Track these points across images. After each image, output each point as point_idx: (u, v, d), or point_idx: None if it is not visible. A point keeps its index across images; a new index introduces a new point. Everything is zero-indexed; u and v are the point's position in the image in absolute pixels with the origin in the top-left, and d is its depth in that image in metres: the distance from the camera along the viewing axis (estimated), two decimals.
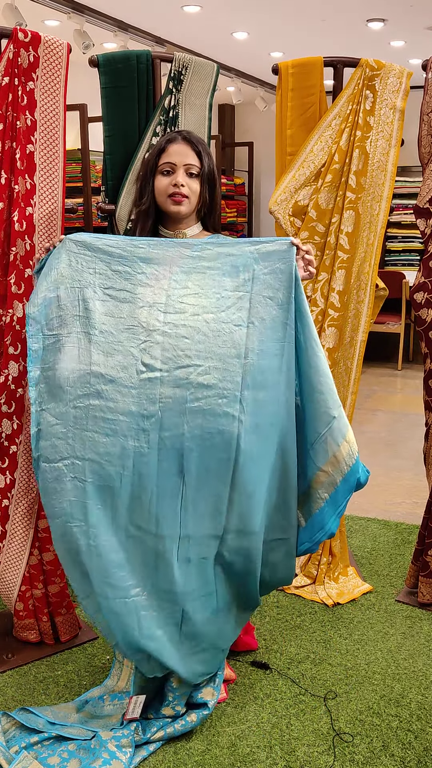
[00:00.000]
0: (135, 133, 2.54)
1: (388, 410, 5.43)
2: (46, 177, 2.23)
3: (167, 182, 2.10)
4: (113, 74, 2.48)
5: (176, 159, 2.10)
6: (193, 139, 2.14)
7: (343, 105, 2.63)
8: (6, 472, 2.35)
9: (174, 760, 2.02)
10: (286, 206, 2.69)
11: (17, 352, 2.27)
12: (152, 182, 2.14)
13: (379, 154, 2.66)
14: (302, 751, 2.05)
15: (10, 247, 2.21)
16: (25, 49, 2.13)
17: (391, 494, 3.89)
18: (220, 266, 1.99)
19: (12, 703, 2.26)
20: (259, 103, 7.23)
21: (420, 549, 2.76)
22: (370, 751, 2.05)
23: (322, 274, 2.71)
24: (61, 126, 2.23)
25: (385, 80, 2.62)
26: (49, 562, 2.47)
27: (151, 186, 2.14)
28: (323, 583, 2.87)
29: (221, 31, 5.49)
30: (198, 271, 1.98)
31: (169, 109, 2.55)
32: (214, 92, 2.66)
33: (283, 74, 2.65)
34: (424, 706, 2.22)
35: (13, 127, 2.16)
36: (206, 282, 1.97)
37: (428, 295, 2.58)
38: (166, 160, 2.11)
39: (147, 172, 2.15)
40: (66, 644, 2.54)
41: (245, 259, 1.99)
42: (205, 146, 2.16)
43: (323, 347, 2.73)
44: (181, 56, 2.53)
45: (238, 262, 1.99)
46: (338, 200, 2.66)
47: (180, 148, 2.11)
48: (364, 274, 2.74)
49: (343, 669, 2.40)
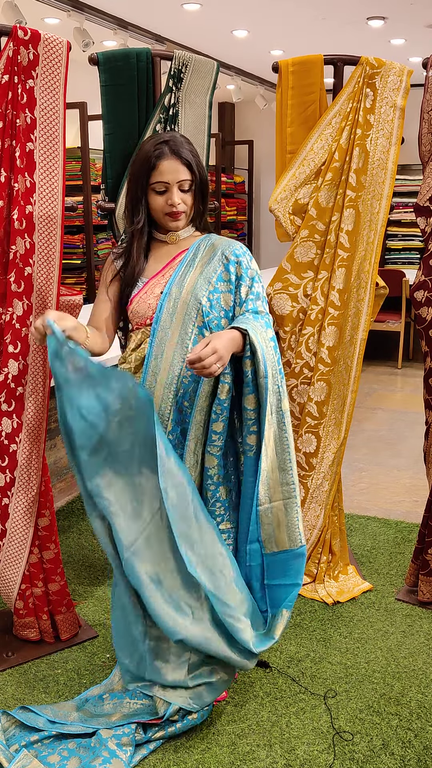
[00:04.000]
0: (135, 131, 2.54)
1: (388, 408, 5.43)
2: (46, 175, 2.23)
3: (162, 201, 2.07)
4: (113, 72, 2.48)
5: (169, 177, 2.04)
6: (182, 151, 2.05)
7: (343, 103, 2.63)
8: (6, 470, 2.35)
9: (174, 758, 2.02)
10: (286, 204, 2.69)
11: (17, 350, 2.27)
12: (144, 200, 2.10)
13: (380, 153, 2.66)
14: (302, 749, 2.05)
15: (10, 246, 2.20)
16: (24, 47, 2.12)
17: (391, 493, 3.88)
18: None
19: (12, 701, 2.26)
20: (259, 101, 7.23)
21: (420, 547, 2.76)
22: (370, 750, 2.05)
23: (322, 272, 2.71)
24: (60, 124, 2.22)
25: (385, 78, 2.62)
26: (49, 560, 2.47)
27: (144, 204, 2.10)
28: (323, 582, 2.87)
29: (221, 29, 5.49)
30: None
31: (169, 107, 2.55)
32: (214, 90, 2.66)
33: (283, 72, 2.65)
34: (424, 705, 2.22)
35: (13, 125, 2.16)
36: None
37: (428, 294, 2.58)
38: (159, 179, 2.05)
39: (138, 190, 2.10)
40: (66, 643, 2.54)
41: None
42: (194, 153, 2.09)
43: (324, 345, 2.74)
44: (181, 54, 2.53)
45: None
46: (338, 198, 2.66)
47: (171, 165, 2.04)
48: (364, 272, 2.73)
49: (343, 667, 2.41)
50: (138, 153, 2.13)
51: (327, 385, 2.77)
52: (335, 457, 2.84)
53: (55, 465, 3.65)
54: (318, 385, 2.77)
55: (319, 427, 2.80)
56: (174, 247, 2.17)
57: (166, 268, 2.14)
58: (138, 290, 2.14)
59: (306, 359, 2.77)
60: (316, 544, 2.90)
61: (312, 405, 2.78)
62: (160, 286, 2.13)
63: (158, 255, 2.18)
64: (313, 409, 2.79)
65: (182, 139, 2.09)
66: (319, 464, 2.82)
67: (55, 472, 3.65)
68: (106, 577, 3.00)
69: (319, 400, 2.78)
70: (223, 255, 2.12)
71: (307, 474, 2.82)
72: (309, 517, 2.86)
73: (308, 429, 2.80)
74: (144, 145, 2.11)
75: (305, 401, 2.79)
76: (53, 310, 2.22)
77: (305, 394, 2.79)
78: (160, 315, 2.09)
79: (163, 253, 2.18)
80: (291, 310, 2.75)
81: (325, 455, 2.83)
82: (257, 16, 5.10)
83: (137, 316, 2.14)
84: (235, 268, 2.11)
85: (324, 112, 2.66)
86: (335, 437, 2.83)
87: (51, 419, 3.56)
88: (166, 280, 2.13)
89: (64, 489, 3.75)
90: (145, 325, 2.13)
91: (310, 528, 2.88)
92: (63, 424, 1.94)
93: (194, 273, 2.10)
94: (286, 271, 2.74)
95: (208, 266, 2.11)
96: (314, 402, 2.78)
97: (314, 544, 2.90)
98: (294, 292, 2.74)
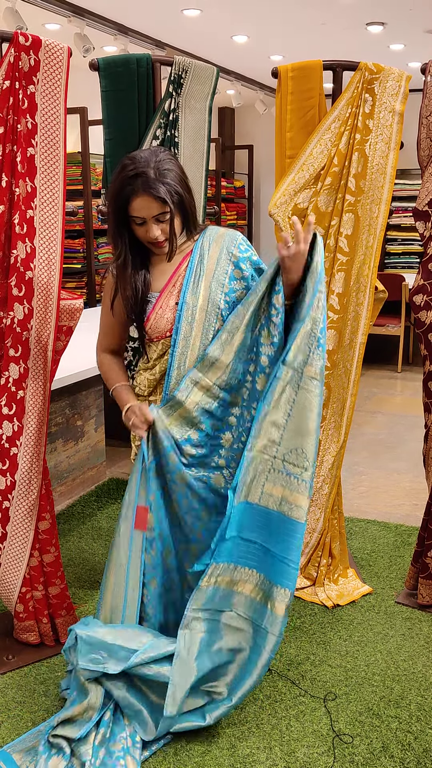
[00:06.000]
0: (135, 136, 2.55)
1: (387, 412, 5.44)
2: (47, 180, 2.24)
3: (143, 232, 2.03)
4: (113, 78, 2.49)
5: (144, 213, 1.98)
6: (152, 185, 1.94)
7: (342, 108, 2.64)
8: (6, 474, 2.35)
9: (174, 761, 2.03)
10: (285, 209, 2.70)
11: (18, 354, 2.28)
12: (127, 232, 2.06)
13: (379, 157, 2.67)
14: (302, 752, 2.05)
15: (11, 250, 2.21)
16: (25, 53, 2.14)
17: (391, 496, 3.89)
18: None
19: (12, 704, 2.26)
20: (258, 106, 7.25)
21: (419, 551, 2.77)
22: (369, 753, 2.05)
23: None
24: (61, 129, 2.24)
25: (384, 83, 2.63)
26: (49, 563, 2.48)
27: (126, 237, 2.06)
28: (323, 585, 2.88)
29: (221, 35, 5.51)
30: None
31: (169, 113, 2.57)
32: (213, 95, 2.67)
33: (282, 77, 2.66)
34: (424, 708, 2.23)
35: (14, 130, 2.17)
36: None
37: (427, 298, 2.59)
38: (134, 214, 2.00)
39: (116, 224, 2.05)
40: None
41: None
42: (167, 182, 1.96)
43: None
44: (181, 60, 2.54)
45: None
46: (338, 203, 2.67)
47: (143, 203, 1.96)
48: (363, 276, 2.74)
49: (342, 670, 2.41)
50: (111, 184, 2.03)
51: (326, 388, 2.78)
52: (335, 461, 2.85)
53: (55, 468, 3.65)
54: None
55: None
56: (176, 255, 2.14)
57: (174, 277, 2.12)
58: (152, 306, 2.11)
59: None
60: (316, 548, 2.90)
61: None
62: (173, 297, 2.11)
63: (161, 266, 2.15)
64: None
65: (158, 163, 1.97)
66: (319, 467, 2.83)
67: (55, 476, 3.65)
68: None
69: None
70: (230, 253, 2.11)
71: None
72: (309, 520, 2.87)
73: None
74: (117, 177, 2.00)
75: None
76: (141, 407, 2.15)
77: None
78: (179, 326, 2.08)
79: (165, 263, 2.14)
80: None
81: (325, 458, 2.83)
82: (257, 21, 5.12)
83: (156, 331, 2.11)
84: (246, 265, 2.12)
85: (323, 117, 2.67)
86: (335, 440, 2.84)
87: (51, 423, 3.57)
88: (177, 289, 2.11)
89: (65, 492, 3.76)
90: (165, 337, 2.12)
91: (310, 531, 2.88)
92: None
93: (205, 279, 2.09)
94: None
95: (217, 268, 2.09)
96: None
97: (314, 548, 2.90)
98: None
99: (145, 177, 1.95)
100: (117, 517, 3.58)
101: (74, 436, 3.78)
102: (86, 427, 3.87)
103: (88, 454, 3.92)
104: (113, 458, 4.32)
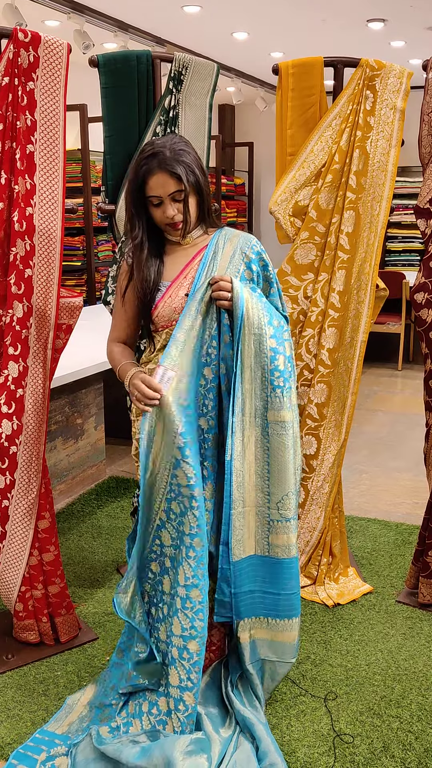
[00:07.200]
0: (135, 133, 2.54)
1: (388, 411, 5.43)
2: (46, 177, 2.23)
3: (160, 213, 2.08)
4: (113, 74, 2.48)
5: (160, 192, 2.04)
6: (169, 162, 2.01)
7: (343, 105, 2.63)
8: (6, 472, 2.35)
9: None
10: (286, 206, 2.69)
11: (17, 352, 2.27)
12: (144, 213, 2.10)
13: (380, 155, 2.66)
14: (302, 752, 2.05)
15: (10, 248, 2.21)
16: (25, 50, 2.13)
17: (392, 495, 3.88)
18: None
19: (12, 704, 2.25)
20: (259, 103, 7.23)
21: (420, 550, 2.76)
22: (370, 752, 2.04)
23: (322, 274, 2.71)
24: (61, 126, 2.22)
25: (385, 80, 2.62)
26: (48, 562, 2.47)
27: (144, 219, 2.11)
28: (323, 584, 2.87)
29: (221, 31, 5.49)
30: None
31: (169, 109, 2.55)
32: (214, 92, 2.66)
33: (283, 74, 2.65)
34: (425, 707, 2.22)
35: (13, 127, 2.16)
36: None
37: (428, 296, 2.58)
38: (150, 193, 2.05)
39: (134, 204, 2.09)
40: (66, 645, 2.54)
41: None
42: (183, 161, 2.03)
43: (324, 347, 2.74)
44: (181, 56, 2.53)
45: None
46: (338, 200, 2.66)
47: (160, 180, 2.01)
48: (364, 274, 2.73)
49: (343, 670, 2.40)
50: (131, 167, 2.11)
51: (327, 387, 2.77)
52: (335, 459, 2.84)
53: (55, 467, 3.64)
54: (318, 387, 2.77)
55: (319, 429, 2.80)
56: (191, 248, 2.15)
57: (187, 269, 2.13)
58: (162, 294, 2.12)
59: (306, 361, 2.77)
60: (317, 547, 2.90)
61: (312, 407, 2.78)
62: (184, 288, 2.11)
63: (175, 257, 2.16)
64: (313, 411, 2.79)
65: (173, 145, 2.04)
66: (320, 466, 2.82)
67: (55, 474, 3.65)
68: (106, 579, 2.99)
69: (319, 402, 2.78)
70: (243, 253, 2.12)
71: (307, 476, 2.82)
72: (309, 519, 2.86)
73: (308, 431, 2.81)
74: (135, 160, 2.10)
75: (305, 403, 2.79)
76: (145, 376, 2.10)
77: (305, 396, 2.79)
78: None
79: (179, 254, 2.15)
80: (291, 312, 2.75)
81: (326, 457, 2.83)
82: (257, 18, 5.11)
83: (163, 319, 2.12)
84: (257, 267, 2.12)
85: (324, 114, 2.66)
86: (335, 439, 2.83)
87: (51, 421, 3.56)
88: (189, 281, 2.11)
89: (64, 491, 3.75)
90: (170, 326, 2.12)
91: (311, 530, 2.88)
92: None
93: (218, 274, 2.10)
94: (287, 273, 2.74)
95: (230, 266, 2.10)
96: (314, 404, 2.78)
97: (314, 547, 2.90)
98: (294, 294, 2.75)
99: (162, 155, 2.02)
100: (117, 516, 3.58)
101: (74, 434, 3.78)
102: (86, 426, 3.86)
103: (87, 452, 3.91)
104: (113, 456, 4.32)
